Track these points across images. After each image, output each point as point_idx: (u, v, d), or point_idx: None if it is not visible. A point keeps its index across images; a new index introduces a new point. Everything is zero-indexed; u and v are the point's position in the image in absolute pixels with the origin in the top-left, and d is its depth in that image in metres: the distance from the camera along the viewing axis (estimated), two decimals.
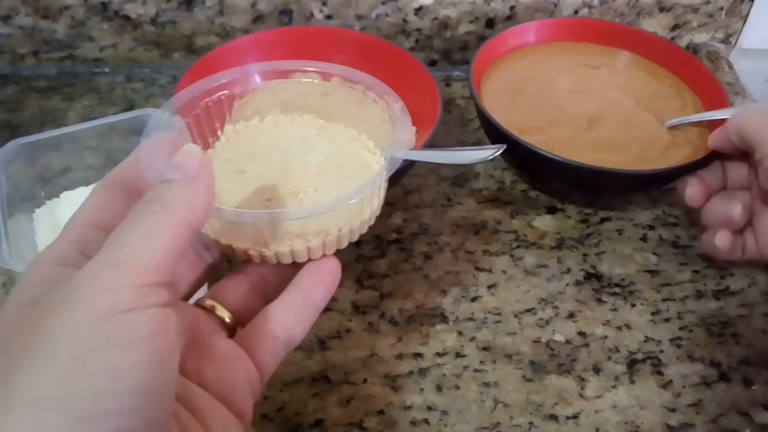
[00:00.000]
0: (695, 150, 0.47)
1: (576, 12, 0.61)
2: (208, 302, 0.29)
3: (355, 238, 0.31)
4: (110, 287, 0.20)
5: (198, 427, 0.24)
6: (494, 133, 0.47)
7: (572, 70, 0.55)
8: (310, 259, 0.30)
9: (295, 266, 0.30)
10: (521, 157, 0.48)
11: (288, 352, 0.29)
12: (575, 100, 0.52)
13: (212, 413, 0.25)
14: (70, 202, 0.44)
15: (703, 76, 0.52)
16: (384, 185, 0.31)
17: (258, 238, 0.29)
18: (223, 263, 0.31)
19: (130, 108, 0.57)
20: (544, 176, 0.51)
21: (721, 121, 0.45)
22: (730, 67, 0.62)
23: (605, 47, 0.57)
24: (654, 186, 0.50)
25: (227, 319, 0.29)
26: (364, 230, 0.31)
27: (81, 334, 0.19)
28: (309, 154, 0.33)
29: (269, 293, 0.30)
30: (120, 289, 0.20)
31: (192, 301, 0.30)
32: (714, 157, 0.44)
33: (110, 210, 0.24)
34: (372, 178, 0.30)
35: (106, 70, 0.61)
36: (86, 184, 0.45)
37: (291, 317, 0.28)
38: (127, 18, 0.59)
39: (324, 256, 0.30)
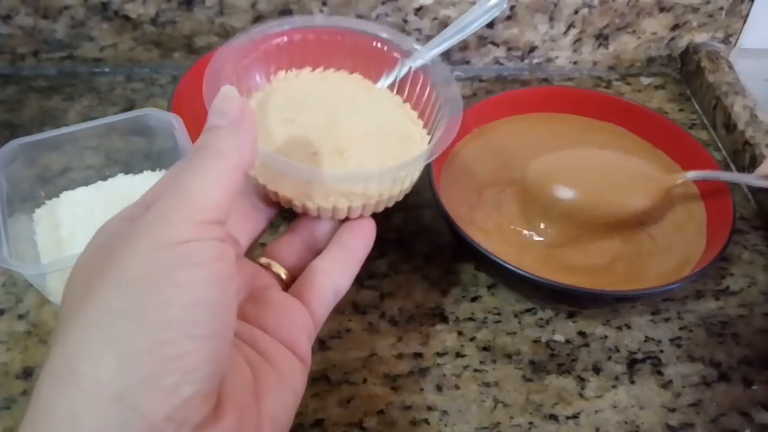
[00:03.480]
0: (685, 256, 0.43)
1: (576, 12, 0.61)
2: (264, 260, 0.31)
3: (392, 204, 0.33)
4: (172, 223, 0.22)
5: (266, 366, 0.26)
6: (461, 242, 0.41)
7: (549, 151, 0.47)
8: (347, 218, 0.31)
9: (340, 224, 0.32)
10: (485, 263, 0.42)
11: (336, 301, 0.31)
12: (549, 195, 0.45)
13: (278, 355, 0.27)
14: (70, 202, 0.44)
15: (699, 156, 0.47)
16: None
17: (304, 191, 0.30)
18: (277, 220, 0.33)
19: (130, 108, 0.57)
20: (512, 287, 0.44)
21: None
22: (730, 67, 0.61)
23: (589, 120, 0.51)
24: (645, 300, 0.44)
25: (283, 275, 0.31)
26: (401, 198, 0.33)
27: (146, 259, 0.21)
28: (356, 115, 0.34)
29: (320, 250, 0.32)
30: (181, 225, 0.22)
31: None
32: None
33: None
34: (421, 154, 0.31)
35: (106, 70, 0.61)
36: (86, 184, 0.45)
37: (336, 268, 0.31)
38: (127, 18, 0.59)
39: (361, 216, 0.32)
